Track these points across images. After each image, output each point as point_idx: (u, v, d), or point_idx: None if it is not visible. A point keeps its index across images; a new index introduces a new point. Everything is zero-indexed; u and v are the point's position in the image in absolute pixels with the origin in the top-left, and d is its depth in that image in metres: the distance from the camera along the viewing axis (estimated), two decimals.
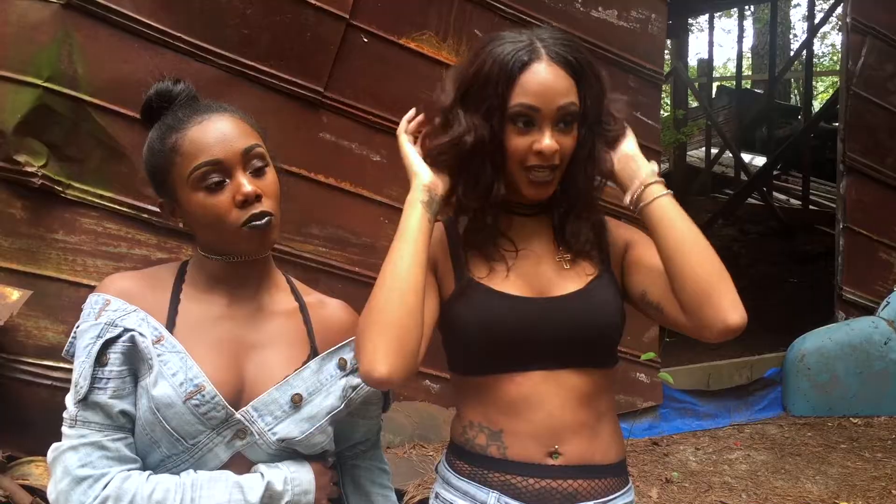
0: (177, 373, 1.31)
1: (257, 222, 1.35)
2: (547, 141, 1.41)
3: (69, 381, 1.33)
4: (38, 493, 2.97)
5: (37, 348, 3.45)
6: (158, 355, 1.31)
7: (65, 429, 1.30)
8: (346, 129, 4.03)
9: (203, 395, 1.31)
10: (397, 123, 1.55)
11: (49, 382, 3.41)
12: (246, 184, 1.34)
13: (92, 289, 1.40)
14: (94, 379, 1.28)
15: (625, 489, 1.55)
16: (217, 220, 1.35)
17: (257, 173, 1.38)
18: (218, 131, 1.36)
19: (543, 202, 1.53)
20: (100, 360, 1.29)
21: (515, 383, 1.47)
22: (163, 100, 1.42)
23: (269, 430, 1.37)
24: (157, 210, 1.46)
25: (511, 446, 1.47)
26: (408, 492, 3.61)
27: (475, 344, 1.48)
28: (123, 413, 1.30)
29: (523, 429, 1.47)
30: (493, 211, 1.50)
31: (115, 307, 1.33)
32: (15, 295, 3.25)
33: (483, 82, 1.42)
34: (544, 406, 1.46)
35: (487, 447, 1.49)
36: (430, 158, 1.50)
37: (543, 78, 1.40)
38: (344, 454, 1.58)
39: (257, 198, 1.35)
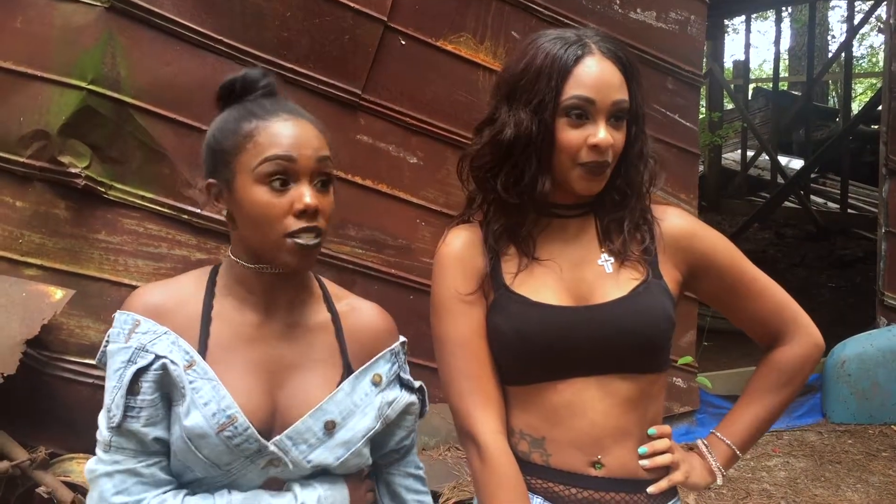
0: (209, 402, 1.28)
1: (306, 242, 1.31)
2: (602, 134, 1.39)
3: None
4: (80, 490, 3.00)
5: (79, 347, 3.50)
6: (190, 382, 1.29)
7: (99, 451, 1.30)
8: (383, 131, 4.03)
9: (236, 427, 1.29)
10: (434, 125, 1.55)
11: (91, 381, 3.45)
12: (309, 195, 1.30)
13: (133, 288, 1.39)
14: (126, 408, 1.27)
15: (670, 502, 1.51)
16: (266, 221, 1.30)
17: (321, 187, 1.34)
18: (300, 132, 1.34)
19: (587, 201, 1.50)
20: (132, 388, 1.27)
21: (557, 391, 1.44)
22: (246, 86, 1.40)
23: (303, 458, 1.35)
24: (197, 210, 1.44)
25: (554, 454, 1.45)
26: (443, 494, 3.61)
27: (513, 355, 1.46)
28: (157, 440, 1.30)
29: (565, 437, 1.44)
30: (535, 208, 1.48)
31: (145, 329, 1.31)
32: (58, 294, 3.29)
33: (535, 76, 1.40)
34: (587, 413, 1.43)
35: (530, 454, 1.47)
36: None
37: (598, 71, 1.40)
38: (378, 462, 1.55)
39: (314, 213, 1.31)
